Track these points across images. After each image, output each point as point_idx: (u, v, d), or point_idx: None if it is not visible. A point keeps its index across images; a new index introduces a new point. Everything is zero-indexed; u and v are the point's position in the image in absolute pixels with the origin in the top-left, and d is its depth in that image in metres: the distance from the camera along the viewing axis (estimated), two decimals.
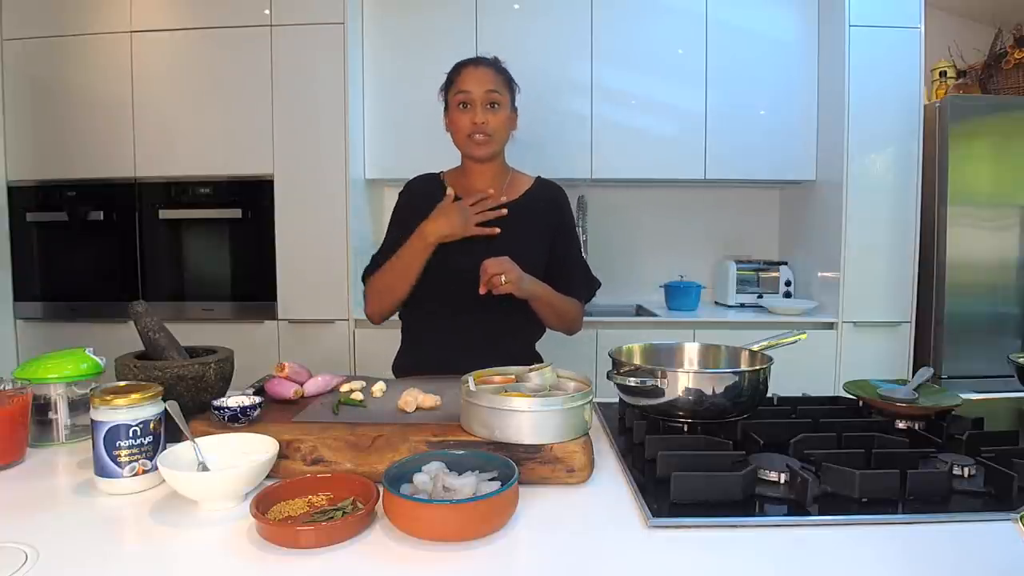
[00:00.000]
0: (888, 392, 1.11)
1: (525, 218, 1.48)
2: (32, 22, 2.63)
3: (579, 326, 1.55)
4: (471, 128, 1.42)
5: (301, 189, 2.61)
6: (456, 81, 1.45)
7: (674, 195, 3.14)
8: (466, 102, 1.42)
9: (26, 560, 0.66)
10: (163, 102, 2.62)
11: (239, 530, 0.73)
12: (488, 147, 1.44)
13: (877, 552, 0.69)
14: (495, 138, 1.44)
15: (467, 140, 1.44)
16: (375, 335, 2.63)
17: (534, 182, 1.56)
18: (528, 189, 1.54)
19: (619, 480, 0.89)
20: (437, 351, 1.47)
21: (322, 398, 1.06)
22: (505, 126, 1.46)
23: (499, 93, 1.43)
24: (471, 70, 1.44)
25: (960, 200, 2.52)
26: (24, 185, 2.68)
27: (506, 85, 1.47)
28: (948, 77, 2.88)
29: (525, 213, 1.48)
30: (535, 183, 1.56)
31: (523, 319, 1.47)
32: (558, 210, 1.54)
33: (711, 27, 2.74)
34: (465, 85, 1.42)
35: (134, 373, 0.98)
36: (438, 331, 1.48)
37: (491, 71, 1.45)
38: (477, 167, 1.50)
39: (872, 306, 2.61)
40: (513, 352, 1.40)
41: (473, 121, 1.41)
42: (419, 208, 1.45)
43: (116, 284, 2.70)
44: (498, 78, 1.45)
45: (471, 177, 1.51)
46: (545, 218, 1.51)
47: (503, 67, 1.49)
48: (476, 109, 1.42)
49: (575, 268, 1.54)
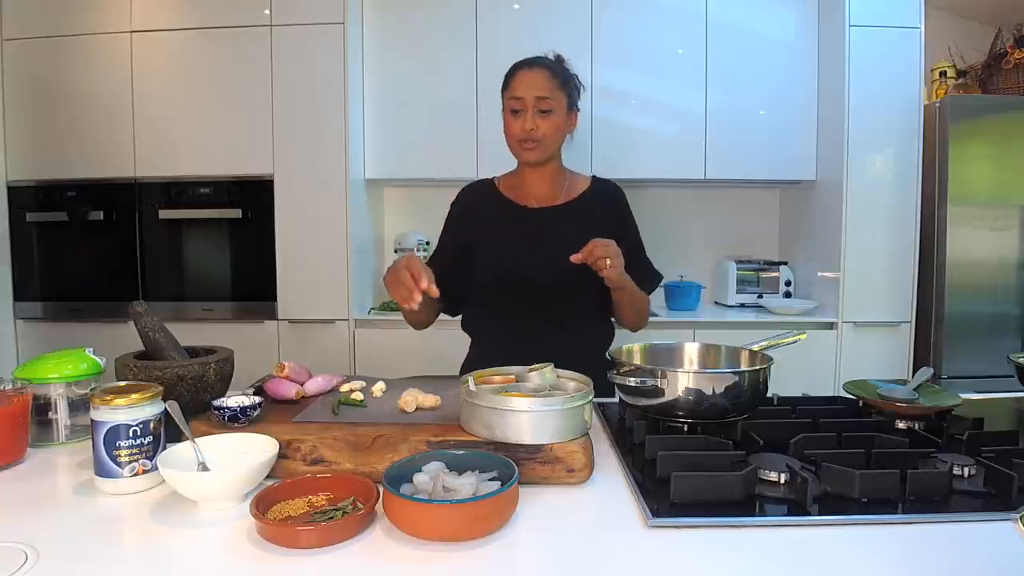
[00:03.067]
0: (888, 392, 1.11)
1: (585, 218, 1.47)
2: (32, 22, 2.63)
3: (647, 320, 1.54)
4: (521, 134, 1.40)
5: (301, 189, 2.61)
6: (510, 85, 1.42)
7: (674, 195, 3.14)
8: (517, 108, 1.40)
9: (26, 560, 0.66)
10: (163, 102, 2.62)
11: (239, 530, 0.73)
12: (538, 153, 1.42)
13: (877, 552, 0.69)
14: (545, 144, 1.41)
15: (518, 146, 1.43)
16: (375, 335, 2.63)
17: (591, 182, 1.54)
18: (585, 190, 1.52)
19: (619, 480, 0.89)
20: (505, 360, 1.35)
21: (322, 398, 1.06)
22: (558, 131, 1.43)
23: (551, 98, 1.39)
24: (525, 73, 1.41)
25: (960, 200, 2.52)
26: (24, 185, 2.69)
27: (562, 87, 1.42)
28: (948, 77, 2.88)
29: (584, 213, 1.48)
30: (592, 183, 1.54)
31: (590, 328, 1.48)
32: (616, 206, 1.53)
33: (711, 27, 2.74)
34: (517, 90, 1.40)
35: (134, 373, 0.98)
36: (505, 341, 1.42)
37: (545, 73, 1.41)
38: (531, 172, 1.48)
39: (872, 306, 2.61)
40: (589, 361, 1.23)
41: (523, 127, 1.39)
42: (473, 217, 1.46)
43: (116, 284, 2.70)
44: (552, 81, 1.40)
45: (526, 182, 1.50)
46: (605, 216, 1.50)
47: (562, 67, 1.45)
48: (527, 115, 1.39)
49: (640, 261, 1.52)
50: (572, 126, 1.48)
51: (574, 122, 1.48)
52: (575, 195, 1.50)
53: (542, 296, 1.42)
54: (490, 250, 1.46)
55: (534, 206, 1.49)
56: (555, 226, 1.45)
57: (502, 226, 1.48)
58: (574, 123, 1.48)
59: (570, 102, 1.45)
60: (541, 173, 1.49)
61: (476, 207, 1.51)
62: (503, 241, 1.46)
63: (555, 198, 1.49)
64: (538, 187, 1.49)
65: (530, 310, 1.42)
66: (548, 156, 1.45)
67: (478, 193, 1.54)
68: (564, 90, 1.42)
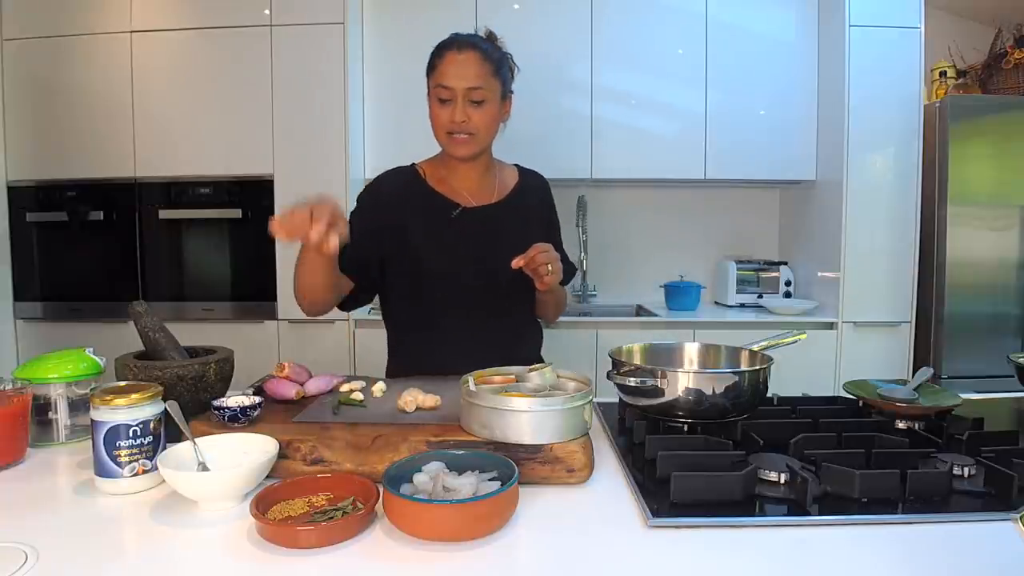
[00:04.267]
0: (888, 392, 1.10)
1: (523, 216, 1.40)
2: (32, 22, 2.63)
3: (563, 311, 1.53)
4: (450, 125, 1.27)
5: (301, 189, 2.59)
6: (436, 69, 1.27)
7: (674, 195, 3.14)
8: (445, 98, 1.26)
9: (26, 560, 0.66)
10: (163, 102, 2.62)
11: (239, 530, 0.73)
12: (470, 147, 1.29)
13: (877, 552, 0.69)
14: (478, 138, 1.29)
15: (447, 138, 1.29)
16: (375, 335, 2.62)
17: (519, 174, 1.46)
18: (516, 184, 1.43)
19: (619, 480, 0.88)
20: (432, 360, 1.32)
21: (322, 398, 1.06)
22: (491, 123, 1.30)
23: (484, 88, 1.25)
24: (453, 57, 1.26)
25: (960, 200, 2.52)
26: (24, 185, 2.69)
27: (495, 73, 1.28)
28: (948, 77, 2.88)
29: (521, 211, 1.40)
30: (520, 175, 1.45)
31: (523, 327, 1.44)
32: (546, 200, 1.48)
33: (711, 27, 2.74)
34: (445, 78, 1.25)
35: (134, 373, 0.98)
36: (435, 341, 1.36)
37: (476, 57, 1.25)
38: (461, 165, 1.35)
39: (872, 306, 2.61)
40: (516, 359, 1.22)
41: (452, 119, 1.26)
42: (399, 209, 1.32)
43: (116, 284, 2.70)
44: (485, 67, 1.26)
45: (453, 175, 1.37)
46: (537, 211, 1.45)
47: (494, 49, 1.30)
48: (456, 105, 1.25)
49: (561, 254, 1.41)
50: (506, 115, 1.35)
51: (508, 110, 1.35)
52: (508, 190, 1.40)
53: (478, 297, 1.34)
54: (422, 249, 1.32)
55: (470, 204, 1.36)
56: (492, 226, 1.35)
57: (435, 224, 1.34)
58: (507, 111, 1.35)
59: (504, 89, 1.31)
60: (472, 167, 1.36)
61: (402, 199, 1.35)
62: (436, 240, 1.33)
63: (489, 194, 1.38)
64: (469, 182, 1.37)
65: (464, 310, 1.34)
66: (481, 150, 1.32)
67: (402, 183, 1.37)
68: (498, 76, 1.28)
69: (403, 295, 1.39)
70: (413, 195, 1.35)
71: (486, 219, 1.37)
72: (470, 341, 1.32)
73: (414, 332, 1.40)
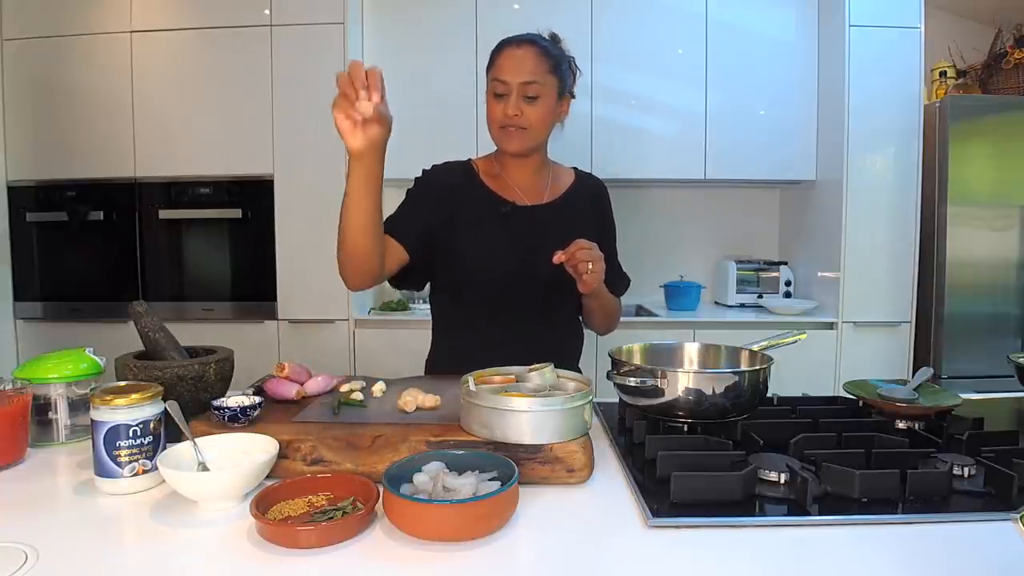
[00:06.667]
0: (888, 392, 1.10)
1: (573, 218, 1.37)
2: (32, 22, 2.63)
3: (617, 324, 1.47)
4: (503, 119, 1.26)
5: (301, 189, 2.61)
6: (495, 64, 1.28)
7: (674, 195, 3.14)
8: (501, 92, 1.26)
9: (26, 560, 0.66)
10: (163, 102, 2.63)
11: (239, 530, 0.73)
12: (521, 142, 1.28)
13: (877, 552, 0.69)
14: (531, 133, 1.28)
15: (499, 132, 1.29)
16: (375, 335, 2.63)
17: (575, 176, 1.44)
18: (571, 185, 1.41)
19: (619, 480, 0.88)
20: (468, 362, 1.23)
21: (322, 398, 1.06)
22: (545, 119, 1.28)
23: (540, 83, 1.25)
24: (511, 53, 1.26)
25: (960, 200, 2.52)
26: (24, 185, 2.69)
27: (553, 70, 1.27)
28: (948, 77, 2.89)
29: (572, 213, 1.37)
30: (576, 177, 1.43)
31: (565, 333, 1.40)
32: (600, 205, 1.44)
33: (711, 27, 2.75)
34: (502, 72, 1.25)
35: (134, 373, 0.98)
36: (475, 341, 1.33)
37: (533, 52, 1.26)
38: (513, 162, 1.34)
39: (872, 306, 2.61)
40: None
41: (506, 112, 1.26)
42: (454, 201, 1.31)
43: (116, 284, 2.70)
44: (542, 64, 1.26)
45: (508, 172, 1.37)
46: (590, 214, 1.41)
47: (555, 47, 1.31)
48: (511, 99, 1.25)
49: (613, 264, 1.42)
50: (563, 114, 1.34)
51: (566, 110, 1.34)
52: (561, 191, 1.39)
53: (522, 298, 1.32)
54: (473, 245, 1.32)
55: (522, 203, 1.35)
56: (542, 226, 1.33)
57: (486, 220, 1.33)
58: (566, 111, 1.34)
59: (562, 87, 1.30)
60: (524, 165, 1.35)
61: (457, 192, 1.34)
62: (487, 237, 1.32)
63: (540, 194, 1.37)
64: (521, 180, 1.36)
65: (507, 311, 1.33)
66: (533, 146, 1.31)
67: (458, 176, 1.37)
68: (556, 74, 1.28)
69: (444, 289, 1.39)
70: (464, 189, 1.34)
71: (534, 219, 1.34)
72: (508, 344, 1.22)
73: (453, 331, 1.41)
